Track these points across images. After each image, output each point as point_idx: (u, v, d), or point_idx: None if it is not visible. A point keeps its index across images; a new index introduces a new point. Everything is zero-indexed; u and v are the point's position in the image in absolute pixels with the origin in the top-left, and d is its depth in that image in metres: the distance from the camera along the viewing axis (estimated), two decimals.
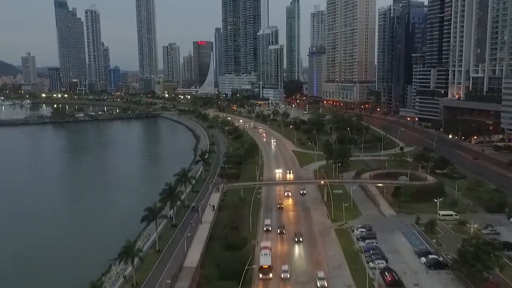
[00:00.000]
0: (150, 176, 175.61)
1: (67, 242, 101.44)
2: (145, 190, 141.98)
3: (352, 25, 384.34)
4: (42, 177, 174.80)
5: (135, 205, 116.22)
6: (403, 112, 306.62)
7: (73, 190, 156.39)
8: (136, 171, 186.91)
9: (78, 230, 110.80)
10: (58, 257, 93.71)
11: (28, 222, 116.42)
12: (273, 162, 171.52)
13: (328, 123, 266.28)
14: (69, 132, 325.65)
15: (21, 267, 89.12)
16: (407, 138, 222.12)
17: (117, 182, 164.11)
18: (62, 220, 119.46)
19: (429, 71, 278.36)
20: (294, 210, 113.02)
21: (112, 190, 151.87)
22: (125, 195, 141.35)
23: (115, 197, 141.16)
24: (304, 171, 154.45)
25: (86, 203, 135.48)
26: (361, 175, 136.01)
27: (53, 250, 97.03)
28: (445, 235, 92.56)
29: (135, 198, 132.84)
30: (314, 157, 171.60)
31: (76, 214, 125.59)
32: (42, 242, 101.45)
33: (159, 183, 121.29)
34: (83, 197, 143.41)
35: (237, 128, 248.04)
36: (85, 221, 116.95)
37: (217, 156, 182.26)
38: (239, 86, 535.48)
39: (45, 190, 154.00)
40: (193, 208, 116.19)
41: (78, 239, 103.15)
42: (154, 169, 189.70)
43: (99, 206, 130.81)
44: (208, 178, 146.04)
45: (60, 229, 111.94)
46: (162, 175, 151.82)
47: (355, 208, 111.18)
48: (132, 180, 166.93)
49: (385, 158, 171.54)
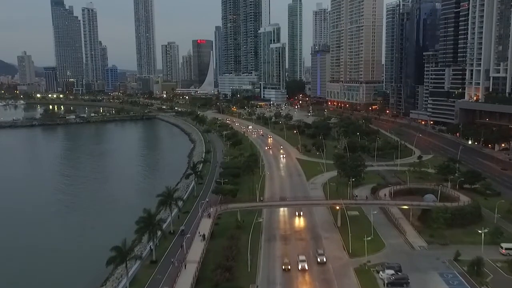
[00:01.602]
0: (137, 191, 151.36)
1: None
2: (128, 210, 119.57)
3: (358, 22, 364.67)
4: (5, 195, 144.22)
5: (113, 232, 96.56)
6: (414, 114, 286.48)
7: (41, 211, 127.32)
8: (121, 185, 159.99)
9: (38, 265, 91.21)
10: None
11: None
12: (276, 173, 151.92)
13: (334, 126, 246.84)
14: (57, 136, 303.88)
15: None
16: (422, 144, 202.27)
17: (97, 200, 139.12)
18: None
19: (443, 70, 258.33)
20: (302, 239, 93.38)
21: (88, 214, 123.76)
22: (102, 220, 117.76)
23: (87, 225, 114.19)
24: (311, 185, 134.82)
25: (56, 228, 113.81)
26: (379, 191, 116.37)
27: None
28: (496, 279, 72.93)
29: (114, 223, 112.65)
30: (322, 167, 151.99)
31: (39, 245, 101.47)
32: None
33: (146, 200, 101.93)
34: (54, 219, 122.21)
35: (236, 132, 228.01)
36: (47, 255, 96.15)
37: (212, 166, 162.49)
38: (240, 86, 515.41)
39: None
40: (181, 232, 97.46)
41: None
42: (143, 182, 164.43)
43: (66, 239, 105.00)
44: (201, 193, 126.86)
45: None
46: (151, 190, 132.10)
47: (376, 236, 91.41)
48: (114, 198, 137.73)
49: (402, 168, 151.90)
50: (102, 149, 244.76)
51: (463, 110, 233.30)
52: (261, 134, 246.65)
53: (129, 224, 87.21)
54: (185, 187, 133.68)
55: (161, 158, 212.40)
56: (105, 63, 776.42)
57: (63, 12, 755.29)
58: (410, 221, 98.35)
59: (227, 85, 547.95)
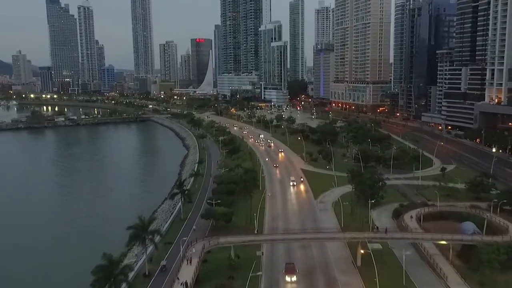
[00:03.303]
0: (114, 212, 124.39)
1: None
2: (95, 242, 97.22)
3: (365, 18, 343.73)
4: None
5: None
6: (427, 117, 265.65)
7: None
8: (96, 205, 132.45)
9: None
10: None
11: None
12: (278, 188, 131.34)
13: (341, 131, 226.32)
14: (41, 141, 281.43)
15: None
16: (440, 151, 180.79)
17: (59, 227, 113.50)
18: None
19: (460, 70, 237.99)
20: (312, 286, 72.74)
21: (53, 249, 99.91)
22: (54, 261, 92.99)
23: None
24: (320, 205, 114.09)
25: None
26: (403, 216, 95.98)
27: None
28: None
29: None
30: (333, 181, 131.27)
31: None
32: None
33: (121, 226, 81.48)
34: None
35: (233, 138, 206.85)
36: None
37: (206, 179, 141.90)
38: (239, 87, 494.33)
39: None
40: (162, 269, 77.97)
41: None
42: (124, 200, 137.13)
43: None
44: (189, 216, 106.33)
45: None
46: (132, 209, 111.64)
47: (407, 281, 70.99)
48: (78, 227, 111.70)
49: (424, 182, 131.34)
50: (86, 157, 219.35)
51: (483, 113, 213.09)
52: (270, 146, 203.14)
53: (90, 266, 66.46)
54: (171, 209, 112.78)
55: (150, 169, 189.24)
56: (102, 62, 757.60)
57: (58, 10, 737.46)
58: (450, 260, 77.71)
59: (226, 85, 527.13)
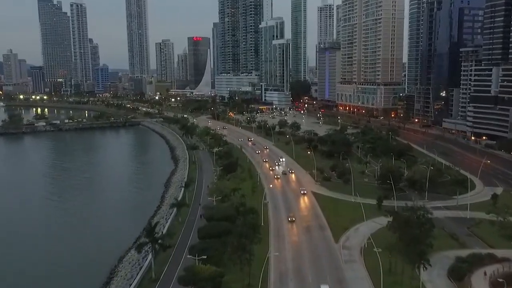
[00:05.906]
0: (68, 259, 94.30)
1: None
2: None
3: (376, 14, 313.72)
4: None
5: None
6: (450, 124, 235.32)
7: None
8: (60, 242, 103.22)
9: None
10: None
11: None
12: (285, 226, 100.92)
13: (355, 141, 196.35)
14: (11, 150, 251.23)
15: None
16: (472, 166, 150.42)
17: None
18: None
19: (489, 70, 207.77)
20: None
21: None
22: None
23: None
24: (344, 253, 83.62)
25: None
26: (470, 279, 66.13)
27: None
28: None
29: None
30: (362, 213, 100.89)
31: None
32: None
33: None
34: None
35: (230, 150, 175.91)
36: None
37: (191, 212, 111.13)
38: (238, 88, 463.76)
39: None
40: None
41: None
42: (81, 239, 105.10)
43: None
44: (162, 275, 75.83)
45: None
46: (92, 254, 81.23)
47: None
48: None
49: (473, 212, 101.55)
50: (52, 176, 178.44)
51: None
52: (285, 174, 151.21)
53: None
54: (140, 261, 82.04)
55: (128, 190, 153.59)
56: (96, 62, 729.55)
57: (50, 8, 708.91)
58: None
59: (224, 86, 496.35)
